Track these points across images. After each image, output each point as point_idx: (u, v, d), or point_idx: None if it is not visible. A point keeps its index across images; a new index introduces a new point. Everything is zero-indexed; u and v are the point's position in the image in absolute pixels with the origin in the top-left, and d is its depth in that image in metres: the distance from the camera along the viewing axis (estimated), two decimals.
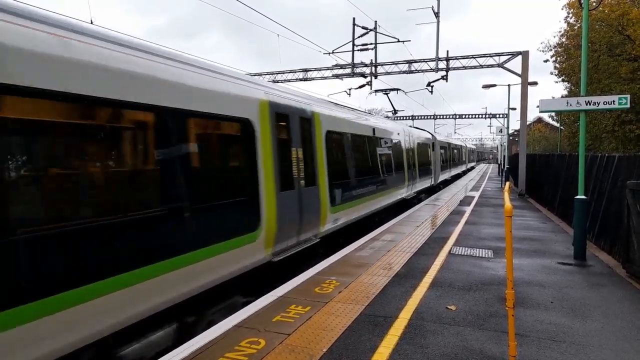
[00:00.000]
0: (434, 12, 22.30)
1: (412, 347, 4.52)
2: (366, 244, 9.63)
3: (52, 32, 3.84)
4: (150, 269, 4.54)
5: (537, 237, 10.64)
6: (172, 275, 4.85)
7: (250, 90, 6.78)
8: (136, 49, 4.81)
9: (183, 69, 5.40)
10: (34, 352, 3.47)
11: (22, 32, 3.56)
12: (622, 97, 8.27)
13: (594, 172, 10.16)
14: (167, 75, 5.08)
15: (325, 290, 6.32)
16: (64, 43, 3.89)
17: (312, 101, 9.36)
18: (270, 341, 4.61)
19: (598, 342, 4.67)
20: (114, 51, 4.43)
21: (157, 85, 4.86)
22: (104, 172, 4.40)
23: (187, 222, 5.16)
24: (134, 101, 4.52)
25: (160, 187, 4.91)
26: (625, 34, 23.04)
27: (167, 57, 5.32)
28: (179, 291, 5.03)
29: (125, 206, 4.45)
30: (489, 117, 50.99)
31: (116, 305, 4.20)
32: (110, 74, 4.28)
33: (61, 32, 3.93)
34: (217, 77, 6.09)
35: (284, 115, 7.65)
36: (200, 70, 5.78)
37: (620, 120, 23.33)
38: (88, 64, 4.07)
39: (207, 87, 5.73)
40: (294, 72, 26.80)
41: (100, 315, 4.04)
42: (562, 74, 28.47)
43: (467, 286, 6.58)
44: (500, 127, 38.38)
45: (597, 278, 7.10)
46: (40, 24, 3.77)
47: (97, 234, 4.04)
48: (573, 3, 25.04)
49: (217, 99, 5.84)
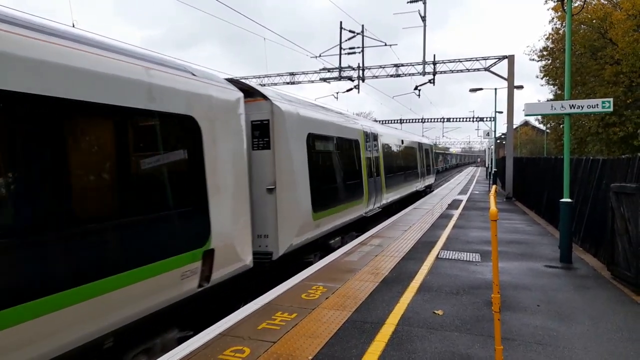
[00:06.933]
0: (420, 16, 22.47)
1: (400, 352, 4.48)
2: (354, 248, 9.59)
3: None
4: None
5: (524, 240, 10.69)
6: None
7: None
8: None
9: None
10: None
11: None
12: (606, 101, 8.37)
13: (579, 175, 10.26)
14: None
15: (311, 297, 6.26)
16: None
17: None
18: (255, 349, 4.53)
19: (583, 345, 4.68)
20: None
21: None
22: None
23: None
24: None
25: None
26: (607, 37, 23.43)
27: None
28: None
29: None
30: (476, 121, 51.44)
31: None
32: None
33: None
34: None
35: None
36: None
37: (604, 123, 23.67)
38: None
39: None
40: (281, 75, 26.81)
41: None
42: (548, 77, 28.84)
43: (455, 290, 6.57)
44: (488, 130, 38.72)
45: (583, 281, 7.14)
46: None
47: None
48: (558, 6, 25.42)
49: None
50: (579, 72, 24.53)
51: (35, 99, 3.65)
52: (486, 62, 22.38)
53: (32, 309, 3.52)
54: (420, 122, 52.49)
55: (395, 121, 49.40)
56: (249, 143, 7.70)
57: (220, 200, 5.95)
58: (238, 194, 6.45)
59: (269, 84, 26.61)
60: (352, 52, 23.88)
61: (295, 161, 8.47)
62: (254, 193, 7.66)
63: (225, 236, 6.01)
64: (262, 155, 7.92)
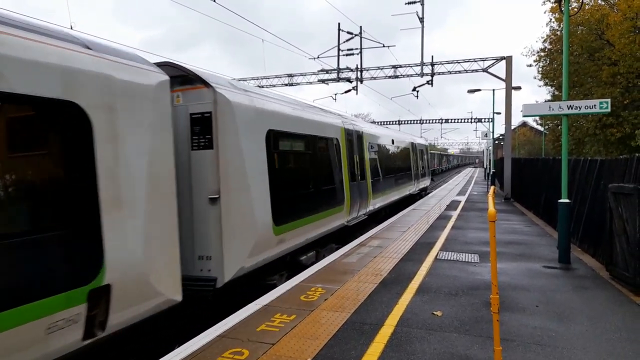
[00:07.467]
0: (418, 17, 22.51)
1: (399, 354, 4.48)
2: (353, 250, 9.59)
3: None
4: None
5: (522, 241, 10.71)
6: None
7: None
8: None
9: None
10: None
11: None
12: (603, 102, 8.40)
13: (577, 176, 10.28)
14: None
15: (310, 298, 6.26)
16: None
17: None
18: (254, 351, 4.53)
19: (582, 345, 4.68)
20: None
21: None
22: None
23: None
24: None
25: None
26: (604, 38, 23.52)
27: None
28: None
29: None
30: (474, 122, 51.54)
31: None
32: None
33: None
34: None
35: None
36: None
37: (602, 124, 23.74)
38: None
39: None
40: (279, 77, 26.84)
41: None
42: (546, 78, 28.93)
43: (454, 291, 6.57)
44: (486, 131, 38.79)
45: (582, 281, 7.15)
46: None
47: None
48: (555, 8, 25.49)
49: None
50: (576, 73, 24.63)
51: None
52: (484, 63, 22.43)
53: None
54: (419, 123, 52.59)
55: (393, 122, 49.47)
56: (185, 141, 6.41)
57: (124, 217, 4.56)
58: (157, 208, 5.03)
59: (267, 85, 26.63)
60: (350, 54, 23.93)
61: (249, 163, 6.93)
62: (194, 204, 6.32)
63: (130, 266, 4.61)
64: (203, 156, 6.38)
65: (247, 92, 7.45)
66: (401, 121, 50.64)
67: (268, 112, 7.78)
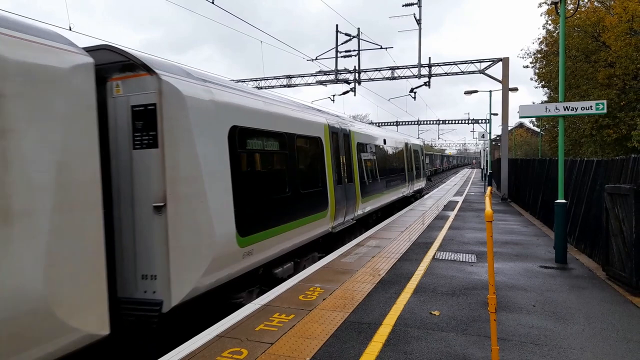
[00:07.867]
0: (415, 19, 22.58)
1: (396, 353, 4.50)
2: (351, 250, 9.62)
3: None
4: None
5: (519, 241, 10.75)
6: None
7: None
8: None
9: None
10: None
11: None
12: (599, 103, 8.45)
13: (573, 177, 10.34)
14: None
15: (309, 298, 6.27)
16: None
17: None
18: (253, 351, 4.54)
19: (579, 344, 4.72)
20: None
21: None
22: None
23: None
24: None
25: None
26: (600, 40, 23.63)
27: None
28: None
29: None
30: (471, 123, 51.73)
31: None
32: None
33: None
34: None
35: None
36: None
37: (598, 125, 23.84)
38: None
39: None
40: (278, 78, 26.85)
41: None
42: (542, 79, 29.04)
43: (451, 291, 6.60)
44: (483, 132, 38.91)
45: (578, 281, 7.20)
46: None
47: None
48: (551, 10, 25.60)
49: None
50: (572, 74, 24.71)
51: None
52: (481, 64, 22.51)
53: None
54: (416, 124, 52.76)
55: (391, 123, 49.58)
56: (126, 138, 5.47)
57: (9, 235, 3.57)
58: (71, 222, 4.08)
59: (266, 87, 26.65)
60: (349, 55, 24.01)
61: (206, 165, 5.92)
62: (136, 213, 5.38)
63: (19, 298, 3.61)
64: (146, 156, 5.40)
65: (205, 82, 6.46)
66: (399, 122, 50.81)
67: (232, 106, 6.77)
